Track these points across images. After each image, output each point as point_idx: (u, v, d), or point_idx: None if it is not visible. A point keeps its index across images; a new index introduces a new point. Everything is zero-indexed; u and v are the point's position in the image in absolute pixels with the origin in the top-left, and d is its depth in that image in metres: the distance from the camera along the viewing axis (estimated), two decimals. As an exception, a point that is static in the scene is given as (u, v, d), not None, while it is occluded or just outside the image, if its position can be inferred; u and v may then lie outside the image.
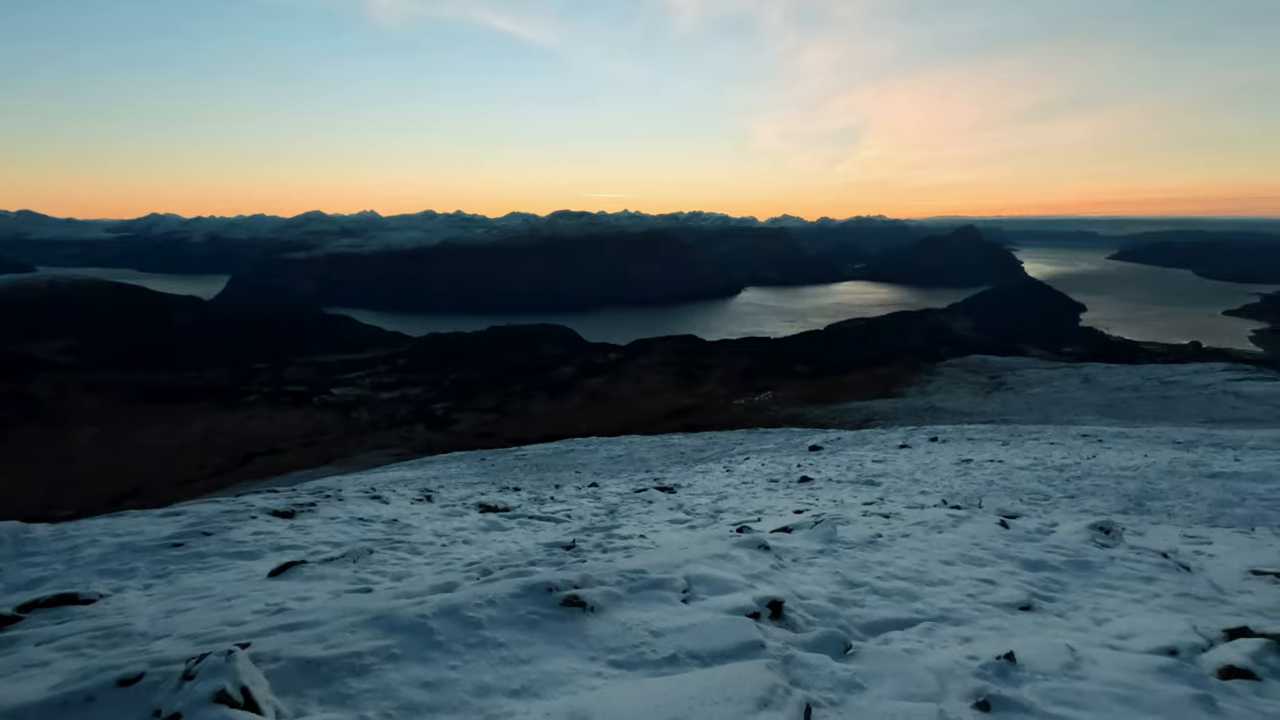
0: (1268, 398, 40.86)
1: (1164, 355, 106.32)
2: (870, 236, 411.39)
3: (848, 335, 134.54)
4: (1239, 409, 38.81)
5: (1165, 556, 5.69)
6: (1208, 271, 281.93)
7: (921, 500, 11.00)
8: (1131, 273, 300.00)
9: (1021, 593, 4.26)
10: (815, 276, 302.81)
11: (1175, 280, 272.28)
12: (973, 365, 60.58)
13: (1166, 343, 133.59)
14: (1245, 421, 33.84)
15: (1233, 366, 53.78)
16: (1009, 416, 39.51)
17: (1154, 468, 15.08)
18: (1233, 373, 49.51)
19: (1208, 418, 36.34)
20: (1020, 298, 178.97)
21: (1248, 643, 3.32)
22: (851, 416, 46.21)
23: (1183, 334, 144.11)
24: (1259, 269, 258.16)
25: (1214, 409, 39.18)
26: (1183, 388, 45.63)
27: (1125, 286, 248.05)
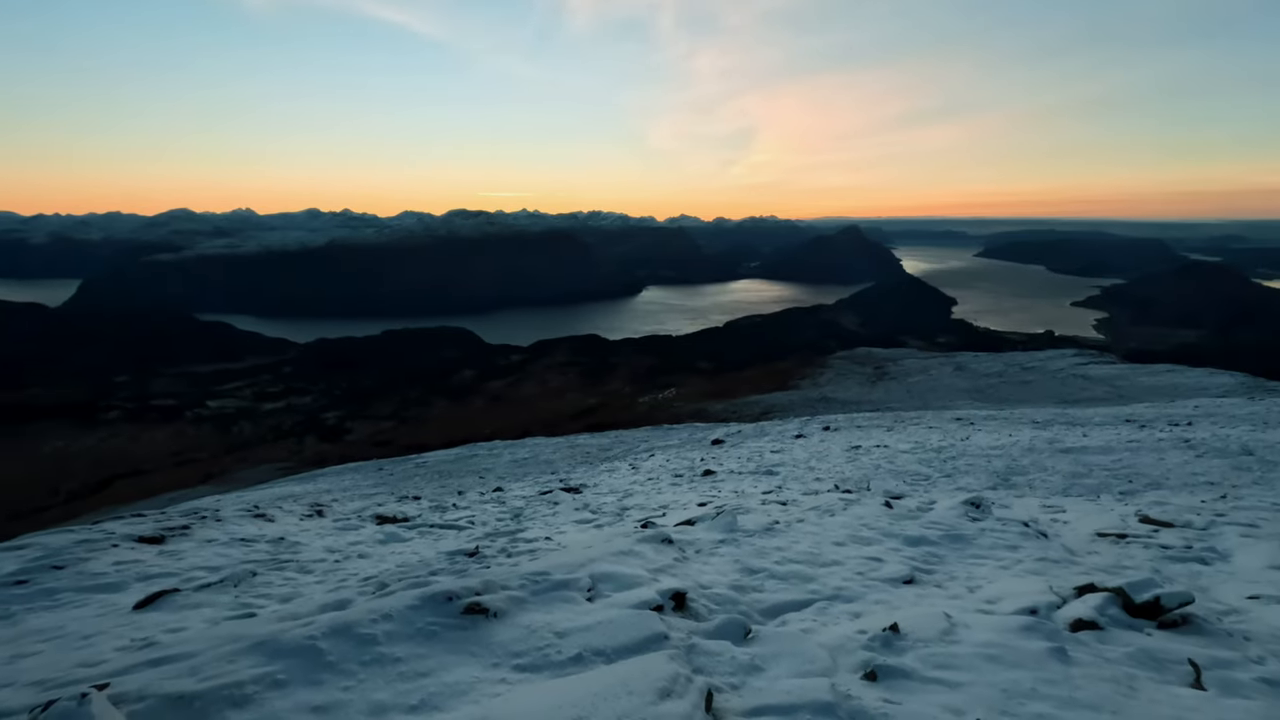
0: (1108, 379, 45.89)
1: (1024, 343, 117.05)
2: (764, 236, 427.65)
3: (746, 332, 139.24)
4: (1086, 389, 43.37)
5: (1027, 526, 6.27)
6: (1058, 267, 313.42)
7: (816, 486, 11.52)
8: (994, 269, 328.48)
9: (905, 567, 4.55)
10: (714, 275, 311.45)
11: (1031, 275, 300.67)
12: (859, 357, 64.23)
13: (1025, 332, 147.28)
14: (1091, 401, 37.86)
15: (1080, 352, 60.00)
16: (892, 404, 42.22)
17: (1017, 446, 16.55)
18: (1080, 358, 55.26)
19: (1061, 399, 40.36)
20: (900, 293, 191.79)
21: (1093, 597, 3.71)
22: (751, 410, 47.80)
23: (1039, 323, 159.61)
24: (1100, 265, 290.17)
25: (1066, 391, 43.56)
26: (1039, 372, 50.43)
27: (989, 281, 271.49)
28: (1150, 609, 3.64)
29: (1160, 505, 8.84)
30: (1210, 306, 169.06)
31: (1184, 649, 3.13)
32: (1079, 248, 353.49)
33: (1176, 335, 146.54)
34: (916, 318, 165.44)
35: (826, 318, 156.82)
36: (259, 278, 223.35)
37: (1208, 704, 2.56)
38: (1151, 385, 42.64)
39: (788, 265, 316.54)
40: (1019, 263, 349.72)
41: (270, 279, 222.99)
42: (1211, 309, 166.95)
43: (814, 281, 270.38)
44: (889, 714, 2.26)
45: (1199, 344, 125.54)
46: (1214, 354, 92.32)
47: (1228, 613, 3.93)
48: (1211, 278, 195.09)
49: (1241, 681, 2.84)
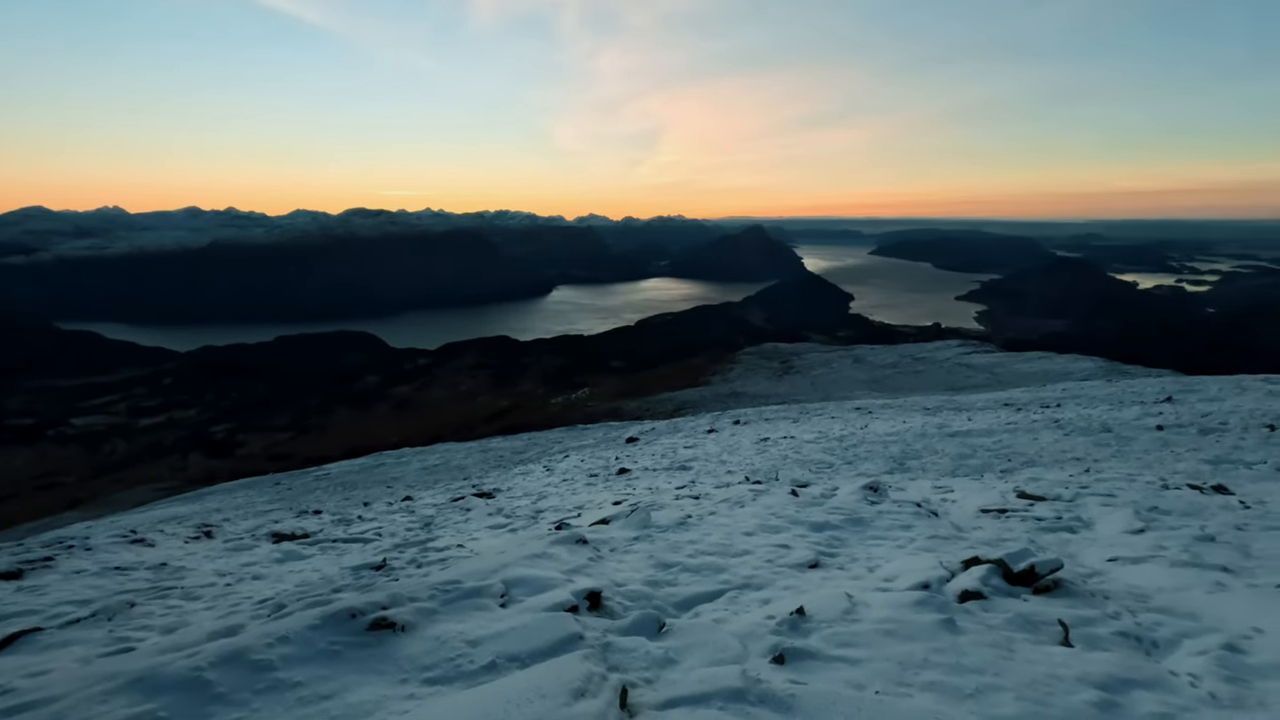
0: (988, 366, 49.59)
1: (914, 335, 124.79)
2: (672, 235, 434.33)
3: (658, 329, 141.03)
4: (970, 377, 46.72)
5: (919, 506, 6.68)
6: (943, 264, 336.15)
7: (728, 479, 11.80)
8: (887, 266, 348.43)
9: (810, 552, 4.75)
10: (624, 274, 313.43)
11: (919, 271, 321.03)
12: (766, 352, 66.41)
13: (916, 325, 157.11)
14: (974, 387, 40.81)
15: (964, 343, 64.54)
16: (798, 396, 43.90)
17: (911, 432, 17.60)
18: (964, 347, 59.46)
19: (948, 386, 43.29)
20: (802, 290, 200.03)
21: (978, 569, 4.00)
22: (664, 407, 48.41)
23: (927, 316, 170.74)
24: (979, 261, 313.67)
25: (952, 379, 46.75)
26: (929, 362, 53.88)
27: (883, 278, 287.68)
28: (1026, 576, 3.97)
29: (1035, 481, 9.65)
30: (1074, 299, 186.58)
31: (1055, 611, 3.44)
32: (961, 246, 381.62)
33: (1046, 325, 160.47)
34: (818, 313, 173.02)
35: (735, 315, 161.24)
36: (131, 282, 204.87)
37: (1074, 659, 2.82)
38: (1026, 371, 46.47)
39: (696, 264, 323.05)
40: (908, 260, 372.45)
41: (144, 283, 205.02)
42: (1075, 301, 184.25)
43: (721, 279, 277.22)
44: (795, 694, 2.35)
45: (1065, 333, 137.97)
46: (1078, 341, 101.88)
47: (1091, 575, 4.35)
48: (1075, 273, 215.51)
49: (1102, 636, 3.15)
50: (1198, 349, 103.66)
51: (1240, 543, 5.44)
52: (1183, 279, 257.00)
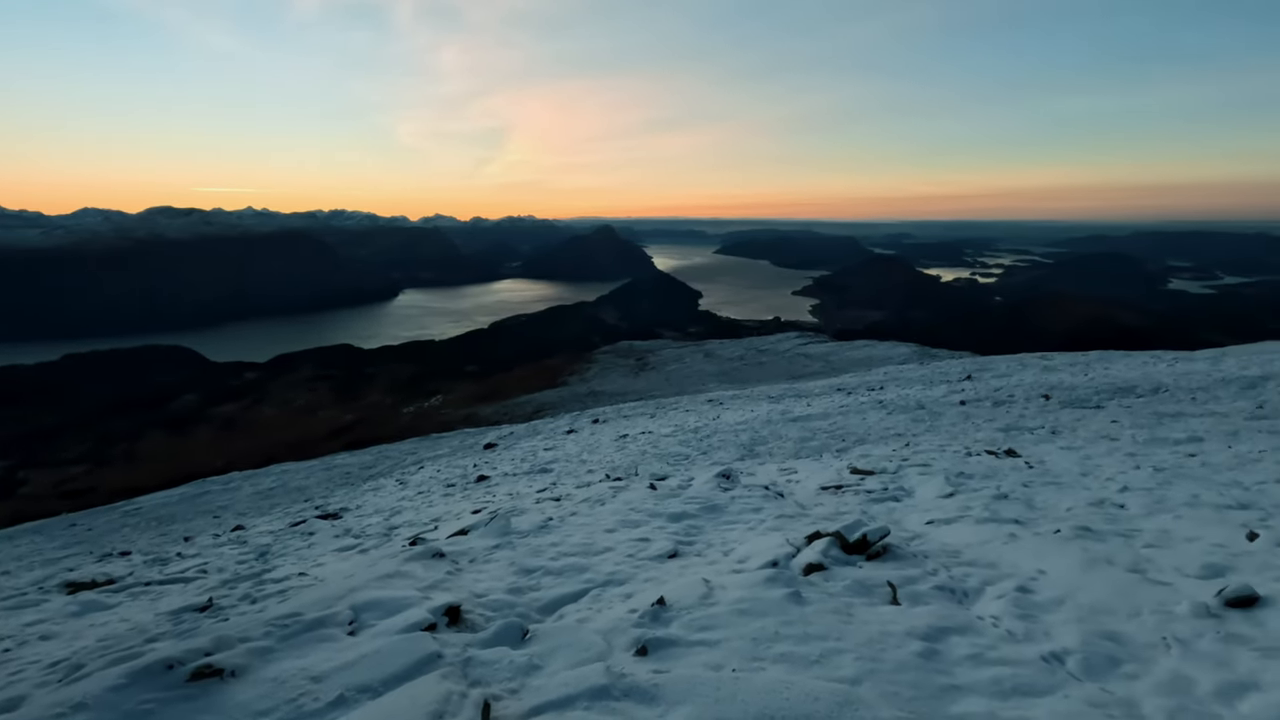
0: (823, 355, 53.87)
1: (758, 329, 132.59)
2: (523, 235, 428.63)
3: (513, 332, 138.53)
4: (808, 365, 50.50)
5: (767, 489, 7.11)
6: (780, 261, 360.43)
7: (589, 478, 11.84)
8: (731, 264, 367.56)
9: (670, 543, 4.89)
10: (474, 275, 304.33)
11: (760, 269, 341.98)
12: (622, 351, 67.54)
13: (759, 319, 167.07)
14: (812, 375, 44.16)
15: (802, 334, 69.64)
16: (654, 392, 45.08)
17: (758, 419, 18.68)
18: (802, 339, 64.15)
19: (790, 375, 46.49)
20: (653, 288, 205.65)
21: (820, 543, 4.33)
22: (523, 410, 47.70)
23: (768, 311, 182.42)
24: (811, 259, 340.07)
25: (793, 368, 50.28)
26: (772, 354, 57.55)
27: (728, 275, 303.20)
28: (860, 545, 4.35)
29: (865, 457, 10.62)
30: (890, 291, 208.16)
31: (885, 574, 3.80)
32: (796, 245, 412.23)
33: (868, 316, 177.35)
34: (669, 311, 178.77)
35: (590, 314, 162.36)
36: None
37: (902, 615, 3.14)
38: (854, 358, 51.05)
39: (548, 264, 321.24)
40: (750, 258, 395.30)
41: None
42: (891, 293, 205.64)
43: (574, 279, 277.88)
44: (658, 683, 2.40)
45: (884, 322, 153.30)
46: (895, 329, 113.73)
47: (913, 538, 4.86)
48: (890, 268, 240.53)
49: (923, 592, 3.53)
50: (989, 332, 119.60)
51: (1027, 498, 6.34)
52: (976, 272, 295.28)
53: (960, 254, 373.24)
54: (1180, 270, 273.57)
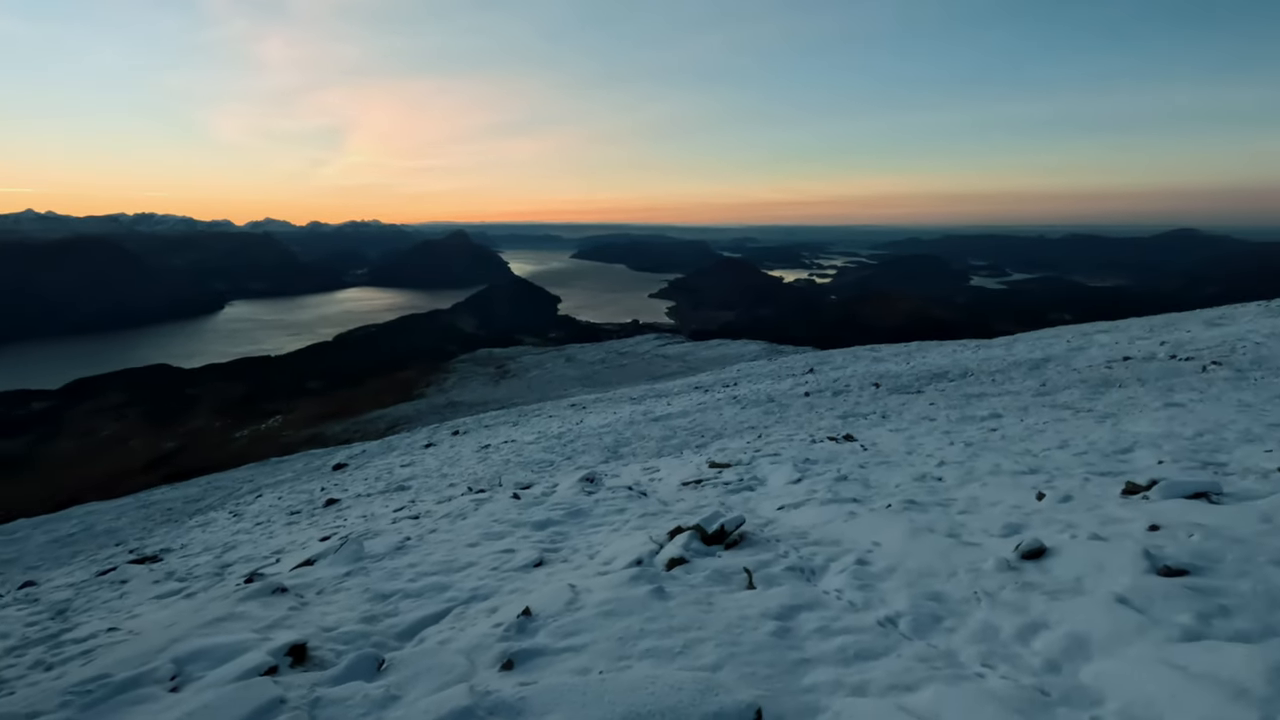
0: (680, 355, 55.73)
1: (618, 332, 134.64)
2: (369, 241, 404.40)
3: (361, 343, 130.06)
4: (666, 366, 52.00)
5: (631, 489, 7.23)
6: (636, 265, 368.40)
7: (450, 493, 11.40)
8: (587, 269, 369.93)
9: (535, 552, 4.82)
10: (315, 285, 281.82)
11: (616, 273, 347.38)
12: (481, 359, 65.75)
13: (618, 322, 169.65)
14: (671, 375, 45.53)
15: (659, 336, 71.60)
16: (516, 400, 44.34)
17: (621, 421, 18.94)
18: (659, 340, 65.93)
19: (650, 376, 47.61)
20: (511, 294, 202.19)
21: (681, 537, 4.47)
22: (376, 426, 45.02)
23: (626, 314, 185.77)
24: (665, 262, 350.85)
25: (652, 369, 51.54)
26: (632, 356, 58.64)
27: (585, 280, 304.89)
28: (719, 536, 4.54)
29: (722, 451, 11.11)
30: (739, 292, 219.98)
31: (741, 561, 4.00)
32: (650, 249, 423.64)
33: (720, 316, 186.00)
34: (528, 316, 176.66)
35: (445, 322, 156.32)
36: None
37: (757, 599, 3.32)
38: (710, 357, 53.29)
39: (398, 271, 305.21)
40: (606, 262, 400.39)
41: None
42: (740, 294, 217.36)
43: (427, 287, 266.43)
44: (525, 696, 2.36)
45: (735, 321, 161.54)
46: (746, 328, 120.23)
47: (766, 524, 5.15)
48: (738, 271, 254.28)
49: (776, 574, 3.76)
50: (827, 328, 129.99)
51: (863, 478, 6.94)
52: (813, 273, 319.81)
53: (799, 256, 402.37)
54: (979, 269, 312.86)
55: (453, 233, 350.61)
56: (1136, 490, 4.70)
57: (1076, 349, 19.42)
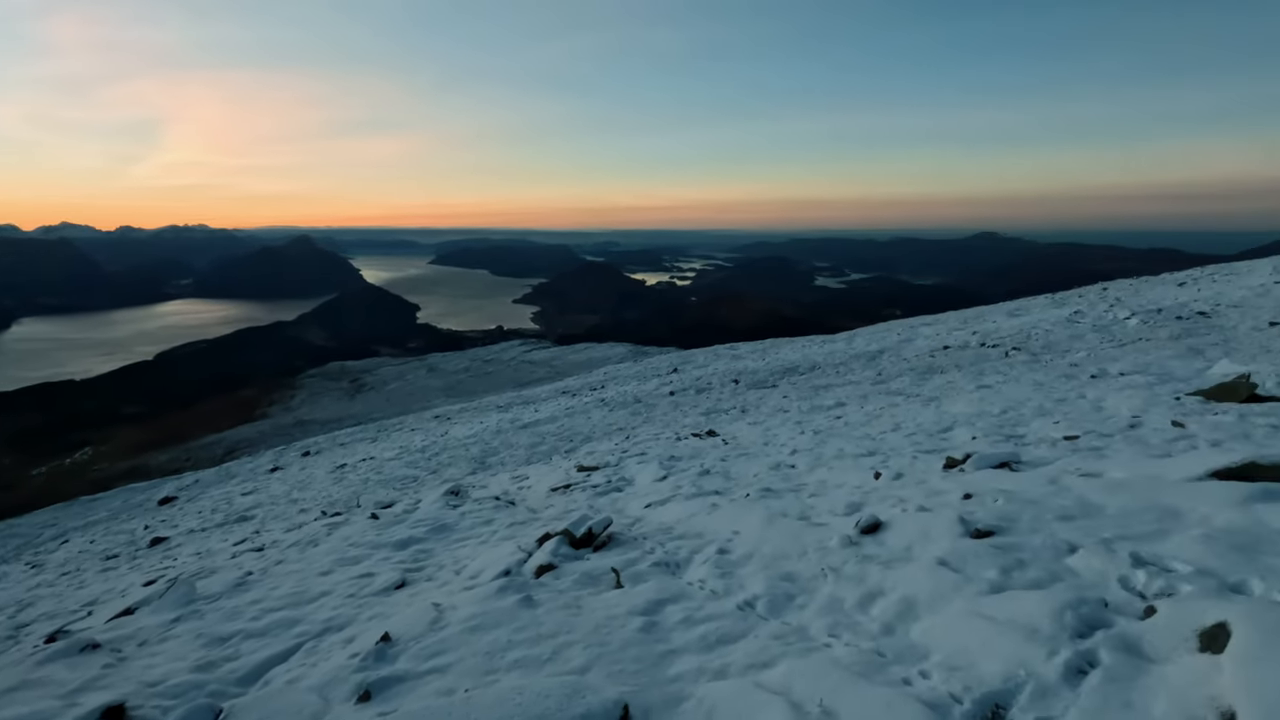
0: (547, 360, 55.37)
1: (482, 339, 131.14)
2: (195, 249, 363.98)
3: (190, 361, 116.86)
4: (533, 372, 51.43)
5: (499, 499, 7.08)
6: (498, 270, 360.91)
7: (301, 519, 10.59)
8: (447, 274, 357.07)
9: (396, 573, 4.59)
10: (128, 298, 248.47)
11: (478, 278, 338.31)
12: (333, 373, 61.47)
13: (482, 329, 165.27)
14: (538, 380, 45.08)
15: (525, 341, 70.74)
16: (375, 414, 41.91)
17: (488, 430, 18.50)
18: (525, 346, 65.14)
19: (517, 383, 46.86)
20: (364, 303, 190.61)
21: (550, 543, 4.44)
22: (211, 452, 40.77)
23: (490, 320, 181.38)
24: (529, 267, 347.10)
25: (519, 375, 50.76)
26: (498, 363, 57.41)
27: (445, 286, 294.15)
28: (587, 538, 4.57)
29: (591, 454, 11.17)
30: (604, 295, 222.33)
31: (610, 561, 4.04)
32: (512, 253, 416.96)
33: (587, 320, 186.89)
34: (384, 326, 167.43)
35: (290, 335, 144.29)
36: None
37: (625, 597, 3.37)
38: (577, 361, 53.38)
39: (232, 281, 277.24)
40: (467, 268, 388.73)
41: None
42: (605, 297, 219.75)
43: (267, 297, 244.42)
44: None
45: (601, 324, 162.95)
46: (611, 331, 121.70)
47: (634, 523, 5.24)
48: (602, 274, 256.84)
49: (643, 571, 3.84)
50: (688, 328, 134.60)
51: (724, 470, 7.27)
52: (674, 276, 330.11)
53: (661, 260, 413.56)
54: (822, 270, 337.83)
55: (295, 238, 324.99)
56: (955, 464, 5.29)
57: (905, 341, 21.54)
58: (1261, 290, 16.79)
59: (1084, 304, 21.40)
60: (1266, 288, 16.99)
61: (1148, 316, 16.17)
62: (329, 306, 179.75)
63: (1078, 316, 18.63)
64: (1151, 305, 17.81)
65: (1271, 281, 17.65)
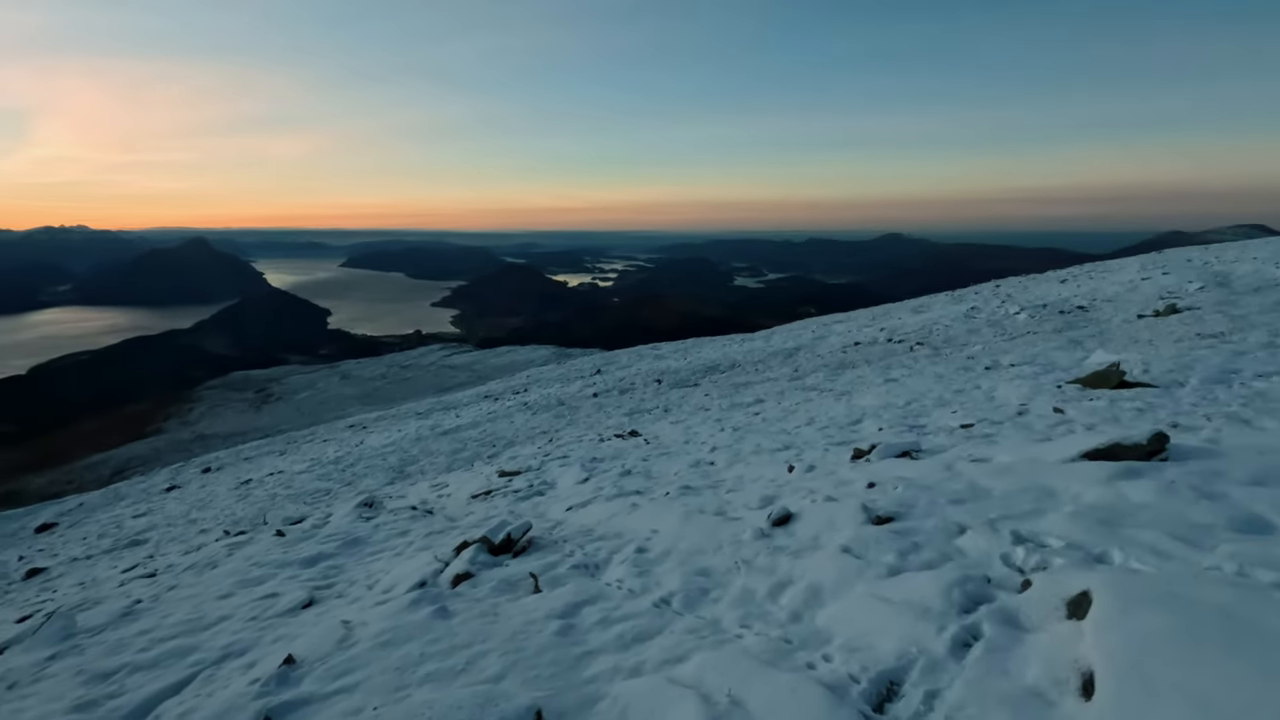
0: (469, 365, 54.21)
1: (399, 344, 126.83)
2: (73, 251, 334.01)
3: (69, 375, 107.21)
4: (454, 377, 50.21)
5: (415, 509, 6.88)
6: (415, 273, 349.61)
7: (201, 540, 9.94)
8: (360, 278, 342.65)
9: (304, 592, 4.38)
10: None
11: (394, 281, 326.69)
12: (236, 383, 57.97)
13: (399, 334, 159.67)
14: (459, 385, 44.05)
15: (445, 346, 68.96)
16: (283, 426, 39.84)
17: (407, 438, 17.93)
18: (445, 350, 63.50)
19: (437, 388, 45.62)
20: (270, 308, 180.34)
21: (467, 551, 4.36)
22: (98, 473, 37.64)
23: (408, 325, 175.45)
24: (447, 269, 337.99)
25: (439, 381, 49.45)
26: (417, 368, 55.70)
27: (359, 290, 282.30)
28: (506, 545, 4.51)
29: (514, 459, 11.03)
30: (525, 297, 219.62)
31: (528, 566, 4.01)
32: (429, 255, 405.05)
33: (509, 322, 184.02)
34: (293, 332, 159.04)
35: (186, 344, 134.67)
36: None
37: (542, 601, 3.35)
38: (499, 364, 52.49)
39: (116, 286, 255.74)
40: (382, 271, 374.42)
41: None
42: (527, 299, 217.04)
43: (158, 304, 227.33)
44: (285, 753, 2.14)
45: (523, 327, 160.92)
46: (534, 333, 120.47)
47: (555, 526, 5.22)
48: (523, 276, 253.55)
49: (562, 574, 3.83)
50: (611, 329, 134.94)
51: (646, 470, 7.33)
52: (596, 277, 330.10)
53: (582, 261, 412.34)
54: (741, 270, 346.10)
55: (190, 240, 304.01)
56: (861, 455, 5.55)
57: (820, 338, 22.39)
58: (1131, 286, 18.44)
59: (979, 300, 22.87)
60: (1135, 283, 18.68)
61: (1035, 311, 17.45)
62: (230, 313, 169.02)
63: (974, 312, 19.90)
64: (1038, 301, 19.23)
65: (1139, 278, 19.40)
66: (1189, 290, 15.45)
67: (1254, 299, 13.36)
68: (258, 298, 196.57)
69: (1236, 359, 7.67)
